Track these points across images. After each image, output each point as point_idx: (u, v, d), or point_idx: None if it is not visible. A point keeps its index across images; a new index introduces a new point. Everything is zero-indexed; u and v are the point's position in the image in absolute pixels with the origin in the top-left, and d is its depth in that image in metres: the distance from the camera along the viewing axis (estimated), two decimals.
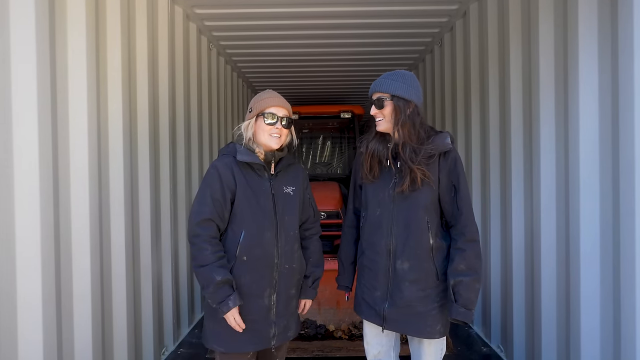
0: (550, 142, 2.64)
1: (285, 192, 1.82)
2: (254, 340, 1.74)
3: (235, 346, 1.73)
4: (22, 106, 1.88)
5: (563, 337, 2.54)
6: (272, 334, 1.77)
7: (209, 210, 1.68)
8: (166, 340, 3.36)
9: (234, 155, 1.76)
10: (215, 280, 1.61)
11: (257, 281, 1.73)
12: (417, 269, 1.74)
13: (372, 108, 1.79)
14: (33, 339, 1.89)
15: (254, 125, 1.78)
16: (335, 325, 3.26)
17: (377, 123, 1.80)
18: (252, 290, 1.72)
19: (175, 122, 3.61)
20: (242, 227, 1.72)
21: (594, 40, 2.24)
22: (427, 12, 3.96)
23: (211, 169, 1.74)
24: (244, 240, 1.70)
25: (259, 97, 1.79)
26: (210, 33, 4.40)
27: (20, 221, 1.87)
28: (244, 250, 1.70)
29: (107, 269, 2.57)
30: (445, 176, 1.74)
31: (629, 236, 1.91)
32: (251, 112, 1.79)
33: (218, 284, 1.62)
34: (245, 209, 1.72)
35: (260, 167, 1.77)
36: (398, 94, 1.74)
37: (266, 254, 1.74)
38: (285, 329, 1.82)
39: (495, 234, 3.41)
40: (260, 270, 1.73)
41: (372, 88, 1.81)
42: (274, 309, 1.77)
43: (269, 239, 1.74)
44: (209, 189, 1.70)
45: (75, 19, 2.24)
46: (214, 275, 1.62)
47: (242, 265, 1.71)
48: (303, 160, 6.06)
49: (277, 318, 1.78)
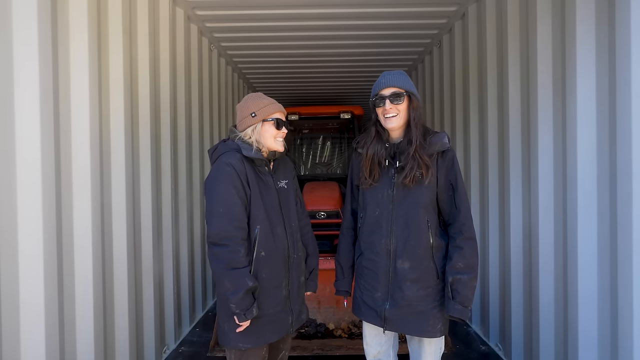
0: (548, 142, 2.66)
1: (280, 186, 1.88)
2: (276, 330, 1.81)
3: (262, 340, 1.77)
4: (25, 108, 1.89)
5: (561, 335, 2.56)
6: (290, 321, 1.86)
7: (239, 211, 1.69)
8: (167, 339, 3.37)
9: (237, 151, 1.77)
10: (247, 286, 1.63)
11: (277, 274, 1.79)
12: (418, 268, 1.75)
13: (387, 103, 1.74)
14: (35, 338, 1.91)
15: (260, 130, 1.80)
16: (335, 323, 3.27)
17: (390, 119, 1.75)
18: (273, 283, 1.78)
19: (176, 123, 3.64)
20: (256, 223, 1.74)
21: (592, 42, 2.26)
22: (426, 13, 3.98)
23: (227, 167, 1.71)
24: (260, 236, 1.73)
25: (260, 103, 1.81)
26: (211, 34, 4.42)
27: (23, 221, 1.89)
28: (261, 246, 1.73)
29: (109, 269, 2.59)
30: (443, 175, 1.76)
31: (626, 235, 1.93)
32: (255, 116, 1.79)
33: (249, 290, 1.65)
34: (258, 205, 1.75)
35: (262, 162, 1.80)
36: (412, 91, 1.76)
37: (280, 247, 1.80)
38: (299, 314, 1.92)
39: (494, 233, 3.43)
40: (278, 262, 1.79)
41: (385, 83, 1.76)
42: (290, 297, 1.85)
43: (280, 232, 1.80)
44: (233, 188, 1.69)
45: (77, 20, 2.26)
46: (247, 281, 1.64)
47: (260, 261, 1.74)
48: (303, 161, 6.08)
49: (293, 305, 1.87)
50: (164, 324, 3.33)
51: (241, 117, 1.83)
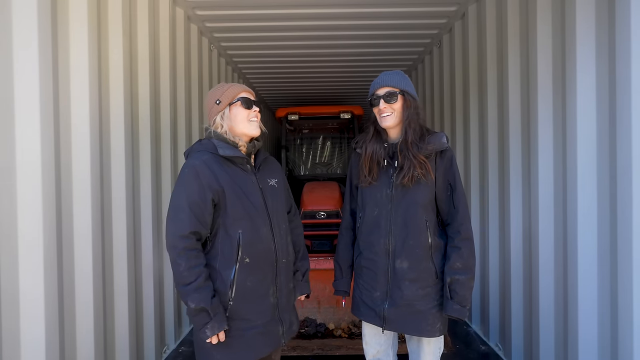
0: (548, 142, 2.66)
1: (270, 184, 1.75)
2: (267, 342, 1.66)
3: (251, 354, 1.62)
4: (25, 108, 1.89)
5: (561, 335, 2.56)
6: (281, 332, 1.71)
7: (186, 217, 1.53)
8: (167, 339, 3.37)
9: (211, 152, 1.63)
10: (190, 307, 1.52)
11: (262, 281, 1.65)
12: (417, 268, 1.75)
13: (381, 102, 1.76)
14: (35, 337, 1.91)
15: (229, 115, 1.68)
16: (334, 323, 3.27)
17: (384, 118, 1.78)
18: (259, 292, 1.64)
19: (176, 122, 3.64)
20: (238, 228, 1.59)
21: (592, 41, 2.26)
22: (426, 13, 3.98)
23: (186, 169, 1.58)
24: (243, 241, 1.59)
25: (222, 88, 1.70)
26: (211, 34, 4.42)
27: (23, 220, 1.89)
28: (245, 252, 1.59)
29: (109, 268, 2.59)
30: (441, 175, 1.76)
31: (626, 234, 1.93)
32: (220, 103, 1.67)
33: (194, 311, 1.52)
34: (237, 208, 1.60)
35: (243, 161, 1.67)
36: (407, 90, 1.77)
37: (266, 251, 1.65)
38: (290, 324, 1.77)
39: (494, 233, 3.43)
40: (264, 268, 1.65)
41: (379, 83, 1.78)
42: (278, 306, 1.71)
43: (266, 235, 1.65)
44: (184, 192, 1.55)
45: (77, 20, 2.26)
46: (188, 301, 1.51)
47: (245, 268, 1.60)
48: (303, 161, 6.09)
49: (282, 314, 1.72)
50: (164, 324, 3.33)
51: (208, 110, 1.72)
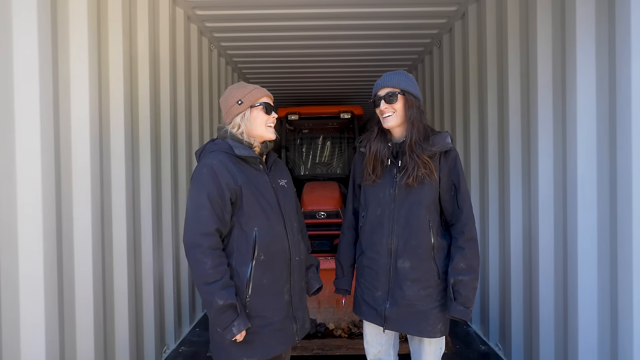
0: (548, 142, 2.66)
1: (281, 184, 1.79)
2: (282, 340, 1.68)
3: (269, 351, 1.63)
4: (25, 108, 1.89)
5: (561, 334, 2.56)
6: (295, 329, 1.72)
7: (208, 214, 1.54)
8: (167, 339, 3.37)
9: (226, 152, 1.65)
10: (217, 304, 1.50)
11: (278, 279, 1.67)
12: (419, 268, 1.75)
13: (382, 103, 1.77)
14: (35, 338, 1.91)
15: (249, 117, 1.70)
16: (335, 323, 3.27)
17: (386, 119, 1.79)
18: (275, 289, 1.66)
19: (176, 122, 3.64)
20: (254, 226, 1.61)
21: (592, 41, 2.26)
22: (426, 13, 3.98)
23: (204, 169, 1.59)
24: (260, 239, 1.61)
25: (245, 89, 1.71)
26: (211, 34, 4.42)
27: (23, 221, 1.89)
28: (261, 249, 1.61)
29: (109, 268, 2.59)
30: (445, 175, 1.76)
31: (626, 234, 1.93)
32: (242, 103, 1.68)
33: (221, 308, 1.51)
34: (254, 206, 1.62)
35: (256, 160, 1.69)
36: (408, 90, 1.77)
37: (282, 249, 1.68)
38: (303, 322, 1.79)
39: (494, 233, 3.43)
40: (279, 266, 1.68)
41: (380, 84, 1.80)
42: (292, 304, 1.73)
43: (280, 233, 1.68)
44: (204, 191, 1.56)
45: (77, 20, 2.26)
46: (216, 298, 1.50)
47: (260, 266, 1.62)
48: (303, 160, 6.09)
49: (295, 312, 1.74)
50: (164, 323, 3.33)
51: (227, 108, 1.72)
